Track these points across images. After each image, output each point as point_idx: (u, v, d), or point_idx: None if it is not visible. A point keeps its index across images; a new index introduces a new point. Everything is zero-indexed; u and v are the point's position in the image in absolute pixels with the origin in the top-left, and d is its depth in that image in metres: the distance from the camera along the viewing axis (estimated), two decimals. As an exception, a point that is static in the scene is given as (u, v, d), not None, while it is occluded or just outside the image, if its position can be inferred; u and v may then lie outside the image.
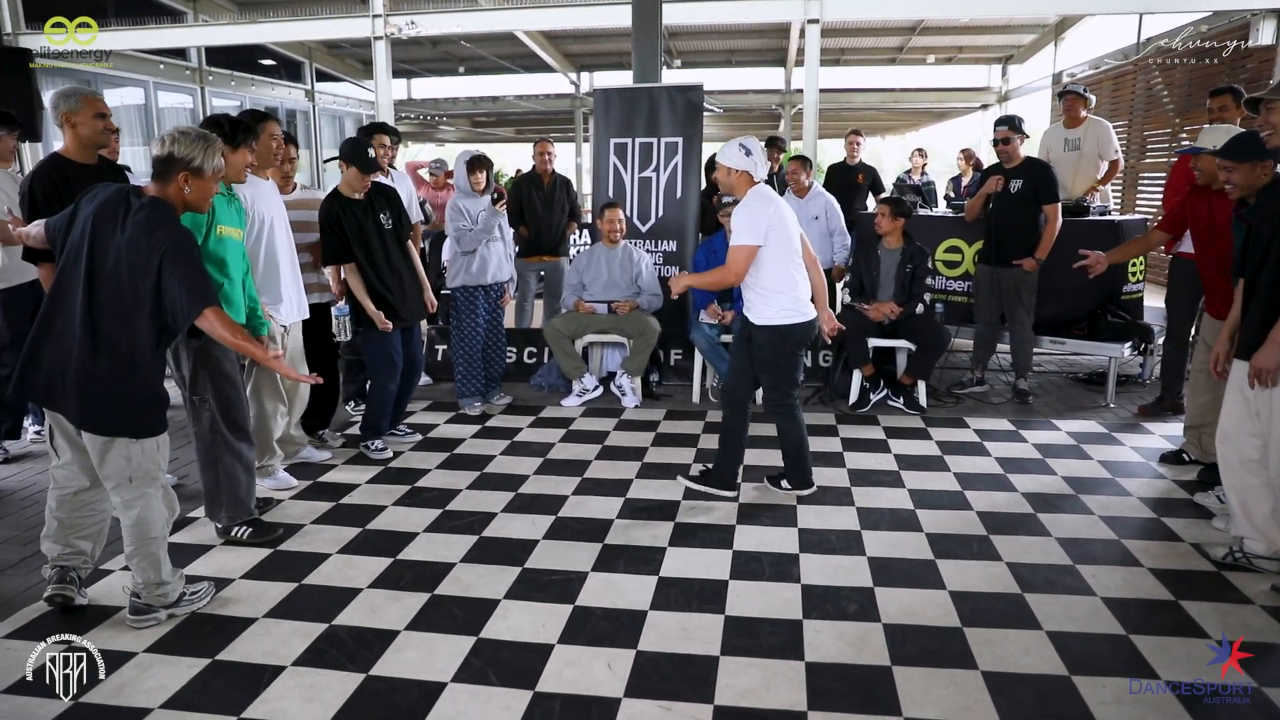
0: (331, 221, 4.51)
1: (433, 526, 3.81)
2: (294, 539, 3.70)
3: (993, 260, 5.68)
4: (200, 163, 2.86)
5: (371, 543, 3.66)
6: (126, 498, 2.87)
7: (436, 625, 2.98)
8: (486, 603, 3.13)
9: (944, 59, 18.15)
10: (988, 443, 4.87)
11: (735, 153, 3.84)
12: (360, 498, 4.17)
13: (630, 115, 6.53)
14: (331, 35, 12.40)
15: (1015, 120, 5.72)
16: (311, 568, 3.42)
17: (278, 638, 2.90)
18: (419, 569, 3.41)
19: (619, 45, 16.97)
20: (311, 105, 17.32)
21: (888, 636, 2.87)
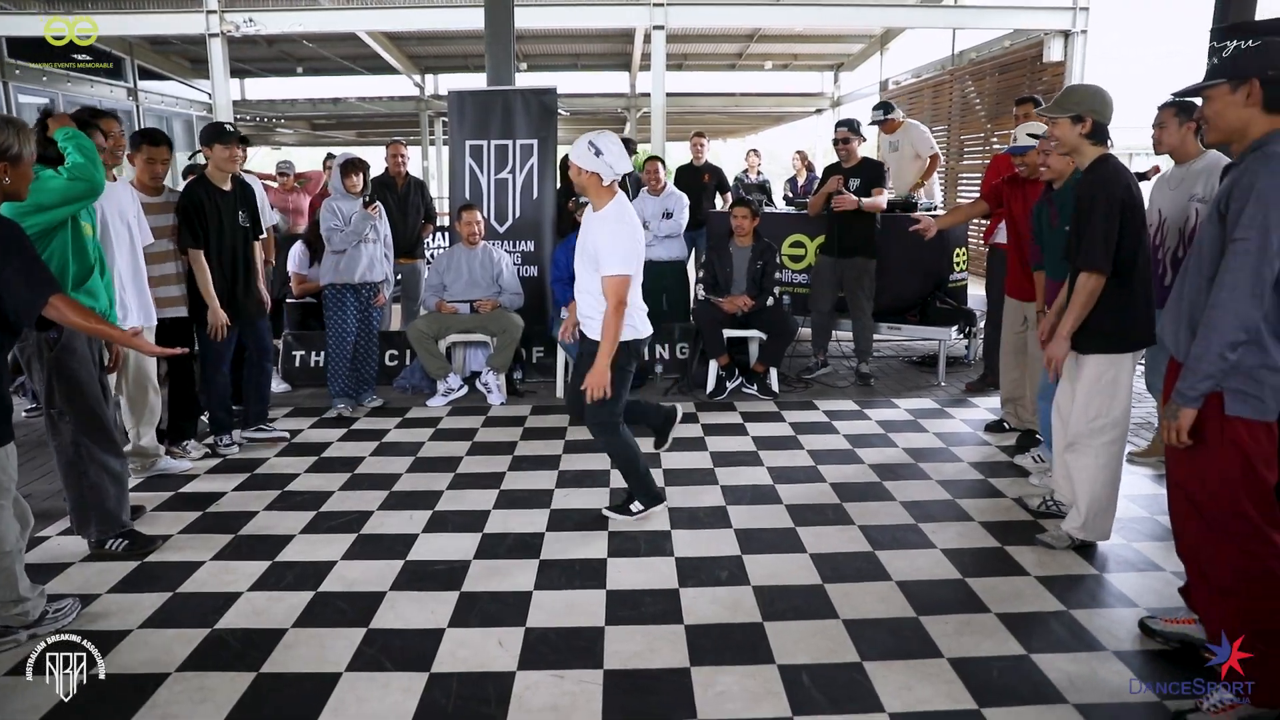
0: (193, 207, 4.49)
1: (309, 528, 3.80)
2: (161, 550, 3.59)
3: (835, 252, 6.10)
4: (17, 149, 2.69)
5: (247, 547, 3.61)
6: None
7: (324, 620, 3.01)
8: (373, 596, 3.17)
9: (780, 65, 19.02)
10: (836, 422, 5.26)
11: (584, 152, 3.48)
12: (229, 505, 4.08)
13: (485, 118, 6.60)
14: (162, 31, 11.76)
15: (854, 123, 6.18)
16: (184, 576, 3.34)
17: (158, 646, 2.85)
18: (299, 569, 3.40)
19: (464, 48, 16.87)
20: (135, 105, 16.29)
21: (758, 597, 3.12)
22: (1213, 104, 2.39)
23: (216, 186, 4.63)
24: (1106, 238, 3.10)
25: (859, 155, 6.10)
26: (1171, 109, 3.96)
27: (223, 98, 9.99)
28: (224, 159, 4.61)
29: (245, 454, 4.81)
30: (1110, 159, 3.23)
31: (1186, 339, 2.39)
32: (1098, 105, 3.22)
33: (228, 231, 4.65)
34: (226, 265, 4.66)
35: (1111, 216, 3.09)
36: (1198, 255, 2.38)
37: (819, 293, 6.26)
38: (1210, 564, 2.42)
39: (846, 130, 6.09)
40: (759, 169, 10.37)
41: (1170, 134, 3.96)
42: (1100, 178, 3.17)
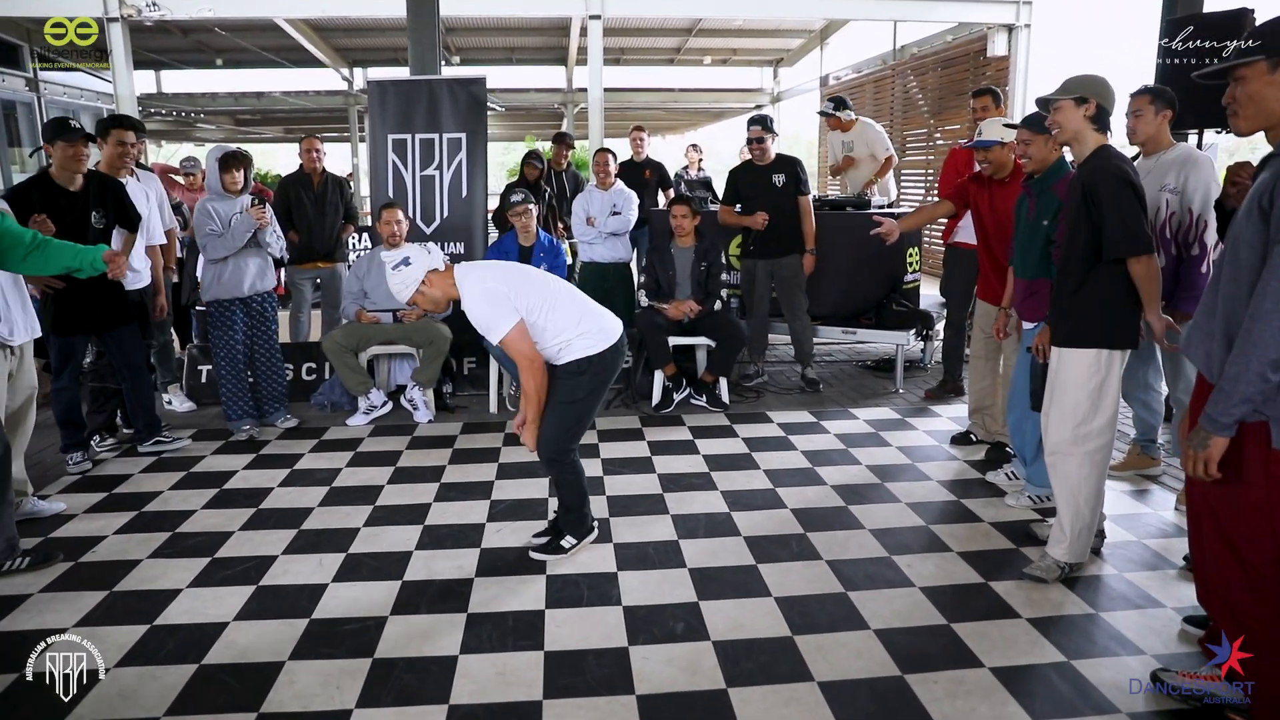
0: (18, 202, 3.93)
1: (199, 580, 3.27)
2: (14, 616, 3.03)
3: (764, 254, 5.74)
4: None
5: (121, 607, 3.07)
6: None
7: (205, 704, 2.50)
8: (268, 667, 2.68)
9: (719, 60, 18.70)
10: (792, 436, 4.89)
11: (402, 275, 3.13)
12: (107, 553, 3.52)
13: (409, 109, 6.09)
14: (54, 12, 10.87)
15: (767, 120, 5.86)
16: (33, 650, 2.77)
17: (-8, 746, 2.33)
18: (182, 635, 2.88)
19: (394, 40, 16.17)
20: (36, 96, 15.25)
21: (719, 655, 2.71)
22: (1247, 85, 2.05)
23: (61, 186, 4.10)
24: (1135, 217, 2.83)
25: (772, 153, 5.74)
26: (1147, 96, 3.71)
27: (125, 88, 9.22)
28: (67, 157, 4.07)
29: (135, 487, 4.25)
30: (1110, 147, 2.93)
31: (1220, 356, 2.04)
32: (1102, 90, 2.95)
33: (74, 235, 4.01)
34: None
35: (1129, 196, 2.82)
36: (1233, 258, 2.04)
37: (754, 297, 5.89)
38: (1252, 618, 2.09)
39: (760, 128, 5.73)
40: (700, 164, 9.99)
41: (1146, 123, 3.72)
42: (1104, 162, 2.89)
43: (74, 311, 4.23)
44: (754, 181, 5.74)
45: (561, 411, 3.25)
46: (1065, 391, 3.07)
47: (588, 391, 3.24)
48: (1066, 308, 3.04)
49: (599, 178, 6.36)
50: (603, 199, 6.28)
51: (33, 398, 3.81)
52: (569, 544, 3.40)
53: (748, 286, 5.95)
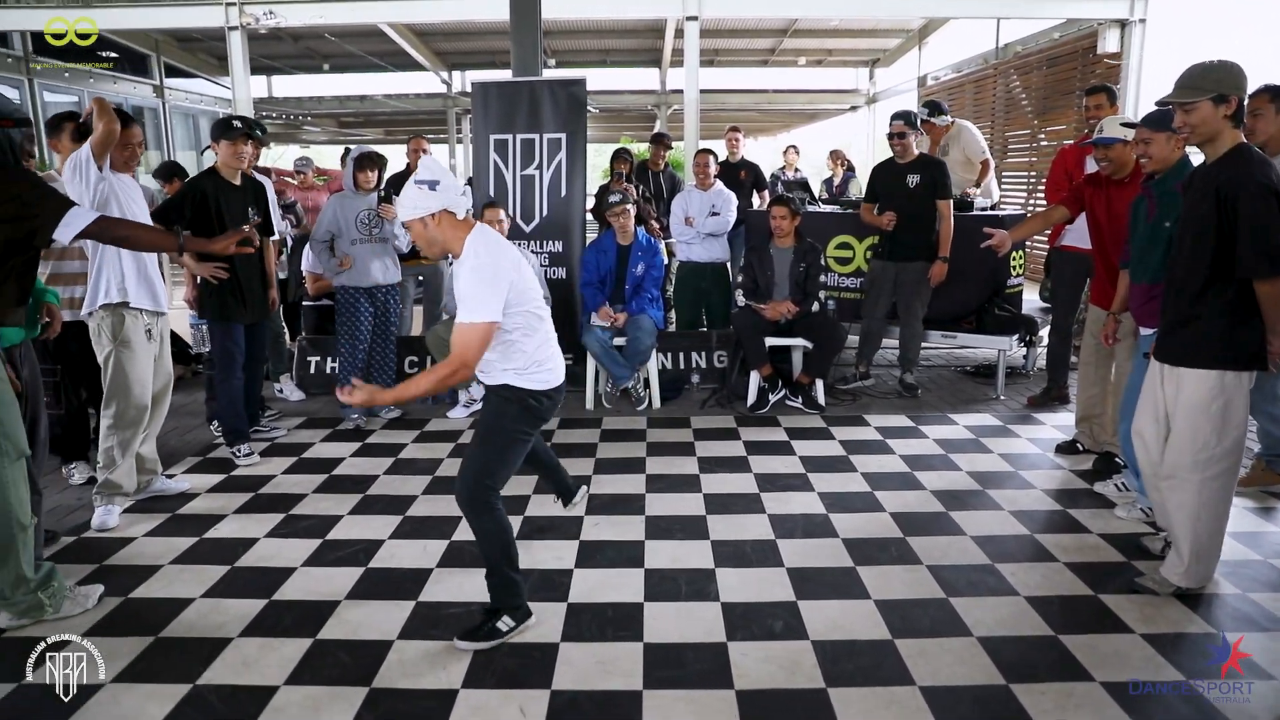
0: (193, 192, 4.32)
1: (312, 559, 3.42)
2: (149, 584, 3.24)
3: (892, 256, 5.66)
4: None
5: (241, 582, 3.24)
6: None
7: (321, 676, 2.63)
8: (378, 645, 2.79)
9: (814, 61, 18.52)
10: (890, 440, 4.82)
11: (416, 195, 2.64)
12: (228, 530, 3.72)
13: (511, 110, 6.22)
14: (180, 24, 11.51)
15: (911, 115, 5.71)
16: (171, 616, 2.98)
17: (129, 706, 2.49)
18: (299, 610, 3.02)
19: (491, 44, 16.54)
20: (161, 102, 16.12)
21: (819, 655, 2.70)
22: None
23: (225, 181, 4.41)
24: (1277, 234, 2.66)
25: (915, 151, 5.65)
26: (1266, 95, 3.55)
27: (243, 93, 9.69)
28: (229, 155, 4.38)
29: (251, 470, 4.46)
30: (1249, 147, 2.78)
31: None
32: (1239, 81, 2.77)
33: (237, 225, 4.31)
34: (237, 259, 4.38)
35: (1273, 211, 2.65)
36: None
37: (874, 299, 5.81)
38: None
39: (902, 124, 5.62)
40: (796, 166, 9.91)
41: (1267, 123, 3.55)
42: (1246, 168, 2.71)
43: (235, 302, 4.46)
44: (890, 180, 5.66)
45: (482, 443, 2.80)
46: (1184, 415, 2.92)
47: (513, 422, 2.79)
48: (1182, 321, 2.90)
49: (699, 178, 6.41)
50: (702, 199, 6.33)
51: (169, 385, 4.05)
52: (507, 625, 2.79)
53: (871, 287, 5.88)
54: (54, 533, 3.62)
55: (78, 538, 3.66)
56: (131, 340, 3.74)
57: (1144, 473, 3.21)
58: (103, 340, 3.73)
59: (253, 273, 4.56)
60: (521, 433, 2.82)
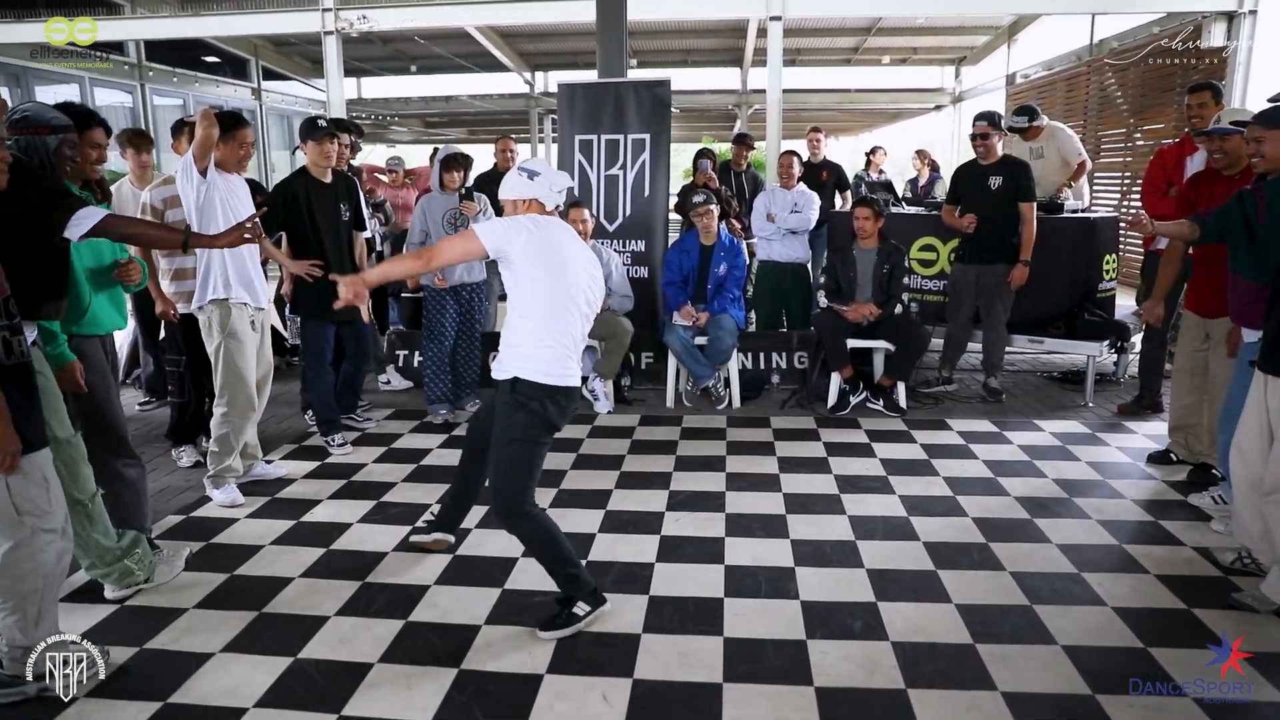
0: (285, 192, 4.53)
1: (403, 545, 3.56)
2: (252, 562, 3.42)
3: (975, 259, 5.58)
4: None
5: (337, 565, 3.40)
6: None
7: (413, 656, 2.74)
8: (466, 629, 2.90)
9: (898, 60, 18.25)
10: (973, 445, 4.75)
11: (517, 180, 2.88)
12: (323, 515, 3.90)
13: (596, 111, 6.32)
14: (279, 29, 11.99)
15: (994, 116, 5.62)
16: (271, 595, 3.15)
17: (238, 675, 2.64)
18: (390, 593, 3.16)
19: (574, 44, 16.75)
20: (258, 104, 16.79)
21: (898, 656, 2.71)
22: None
23: (315, 179, 4.59)
24: None
25: (999, 152, 5.56)
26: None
27: (336, 95, 10.04)
28: (316, 154, 4.56)
29: (344, 458, 4.65)
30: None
31: None
32: None
33: (328, 223, 4.62)
34: (330, 256, 4.59)
35: None
36: None
37: (957, 302, 5.74)
38: None
39: (986, 124, 5.54)
40: (881, 168, 9.79)
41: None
42: None
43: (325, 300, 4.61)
44: (972, 182, 5.60)
45: (499, 455, 2.85)
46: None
47: (524, 431, 2.79)
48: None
49: (783, 179, 6.45)
50: (785, 197, 6.37)
51: (269, 374, 4.25)
52: (583, 610, 2.86)
53: (953, 291, 5.82)
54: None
55: (187, 516, 3.88)
56: (239, 332, 3.94)
57: (1239, 488, 3.11)
58: (213, 333, 3.94)
59: (346, 269, 4.70)
60: (533, 440, 2.82)
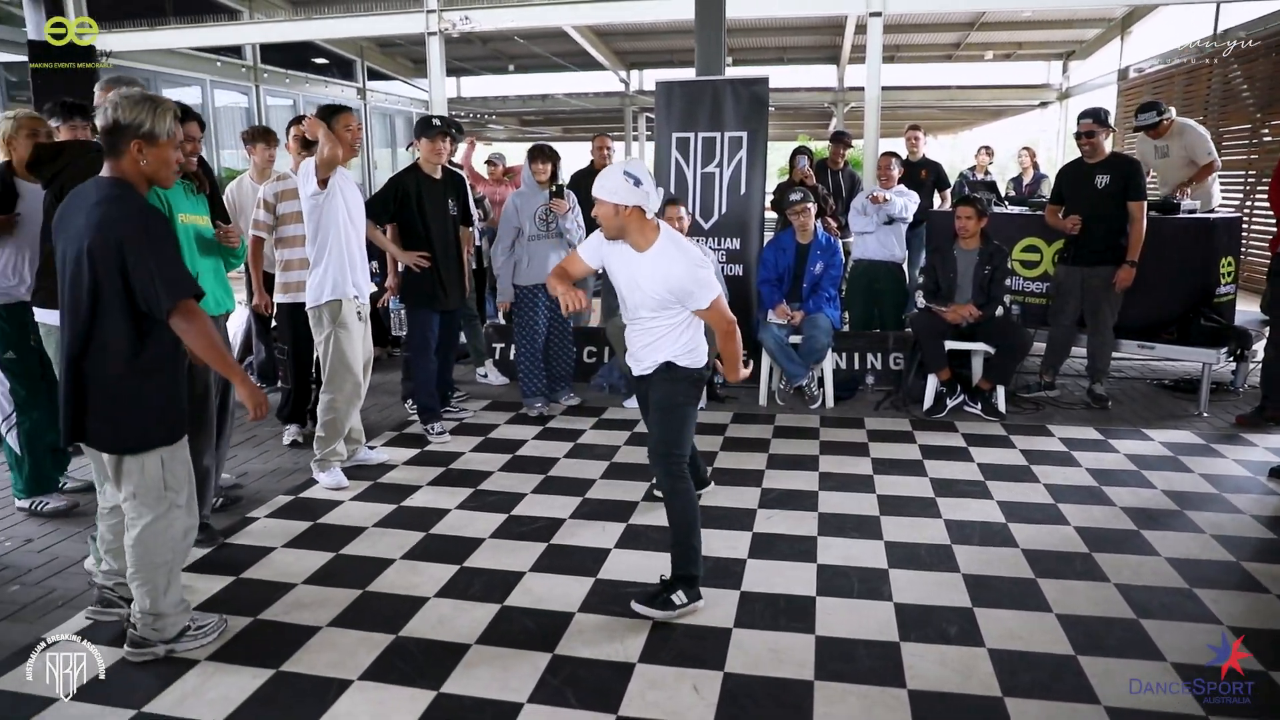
0: (397, 187, 4.73)
1: (499, 532, 3.66)
2: (356, 542, 3.57)
3: (1080, 260, 5.40)
4: (151, 127, 2.49)
5: (436, 548, 3.51)
6: (139, 514, 2.62)
7: (509, 639, 2.82)
8: (560, 615, 2.96)
9: (1002, 55, 17.72)
10: (1076, 452, 4.60)
11: (621, 184, 2.86)
12: (422, 500, 4.03)
13: (693, 109, 6.33)
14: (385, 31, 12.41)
15: (1101, 113, 5.43)
16: (376, 574, 3.28)
17: (343, 649, 2.76)
18: (487, 577, 3.25)
19: (669, 43, 16.81)
20: (363, 103, 17.38)
21: (995, 663, 2.65)
22: None
23: (426, 175, 4.76)
24: None
25: (1106, 149, 5.37)
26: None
27: (439, 94, 10.30)
28: (429, 150, 4.73)
29: (441, 447, 4.79)
30: None
31: None
32: None
33: (438, 217, 4.79)
34: (437, 249, 4.77)
35: None
36: None
37: (1061, 305, 5.56)
38: None
39: (1091, 121, 5.35)
40: (988, 168, 9.52)
41: None
42: None
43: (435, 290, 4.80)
44: (1078, 181, 5.43)
45: (660, 416, 3.07)
46: None
47: (684, 396, 3.07)
48: None
49: (882, 180, 6.37)
50: (884, 194, 6.28)
51: (370, 363, 4.42)
52: (680, 600, 2.93)
53: (1058, 293, 5.66)
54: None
55: (295, 497, 4.06)
56: (348, 322, 4.11)
57: None
58: (323, 323, 4.12)
59: (452, 262, 4.88)
60: (692, 403, 3.10)
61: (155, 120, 2.49)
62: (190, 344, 2.53)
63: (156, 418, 2.57)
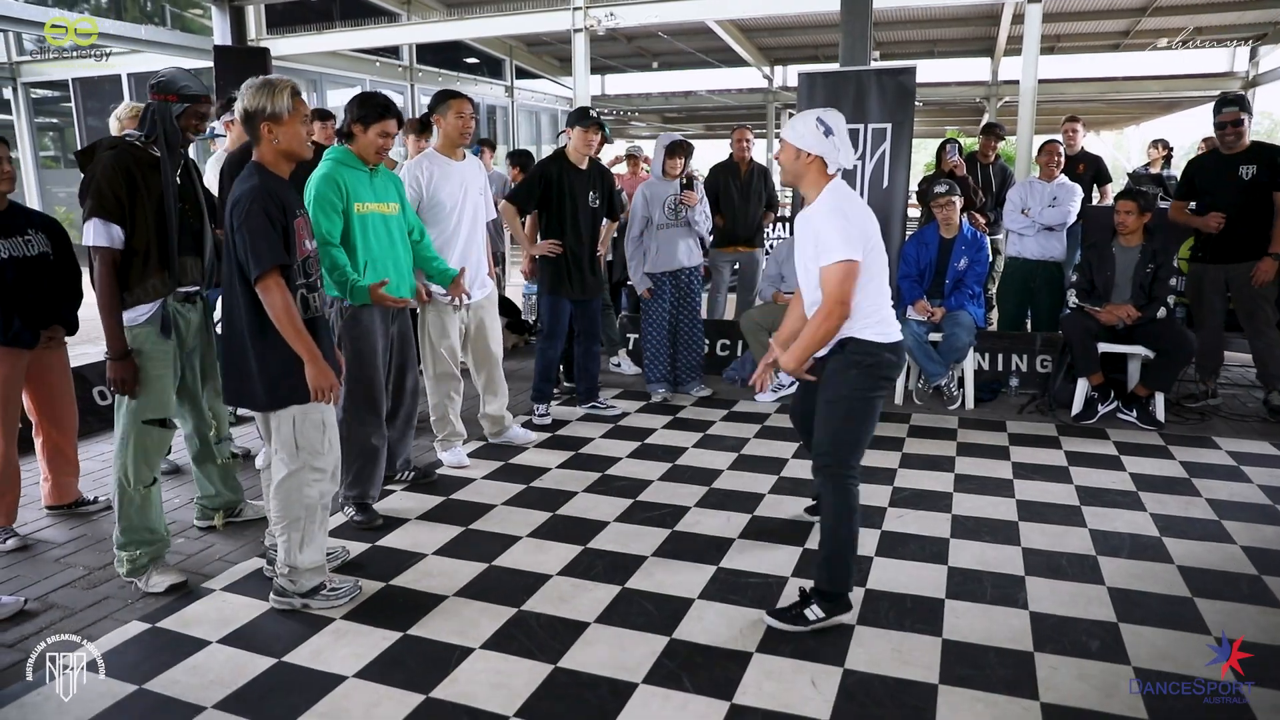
0: (543, 173, 4.81)
1: (623, 516, 3.69)
2: (486, 518, 3.68)
3: (1221, 257, 5.03)
4: (272, 107, 2.64)
5: (562, 528, 3.58)
6: (278, 468, 2.83)
7: (628, 621, 2.84)
8: (680, 601, 2.96)
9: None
10: (1246, 467, 4.23)
11: (811, 130, 2.71)
12: (551, 482, 4.12)
13: (836, 100, 6.16)
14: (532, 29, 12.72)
15: (1245, 99, 5.07)
16: (502, 549, 3.37)
17: (467, 618, 2.85)
18: (609, 559, 3.28)
19: (813, 38, 16.54)
20: (510, 101, 17.92)
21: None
22: None
23: (572, 164, 4.82)
24: None
25: (1247, 139, 4.97)
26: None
27: (583, 91, 10.49)
28: (580, 140, 4.80)
29: (573, 431, 4.88)
30: None
31: None
32: None
33: (579, 207, 4.85)
34: (571, 239, 4.84)
35: None
36: None
37: (1208, 307, 5.16)
38: None
39: (1238, 110, 4.97)
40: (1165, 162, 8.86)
41: None
42: None
43: (564, 277, 4.89)
44: (1216, 173, 5.04)
45: (827, 411, 2.80)
46: None
47: (852, 389, 2.76)
48: None
49: (1043, 170, 6.06)
50: (1043, 190, 5.96)
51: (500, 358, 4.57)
52: (815, 615, 2.75)
53: (1195, 295, 5.26)
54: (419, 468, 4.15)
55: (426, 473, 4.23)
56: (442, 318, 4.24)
57: None
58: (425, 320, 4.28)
59: (584, 252, 4.94)
60: (868, 397, 2.78)
61: (273, 100, 2.65)
62: (270, 314, 2.65)
63: (275, 379, 2.74)
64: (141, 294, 3.00)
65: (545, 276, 4.92)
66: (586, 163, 4.89)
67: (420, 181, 4.12)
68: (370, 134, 3.46)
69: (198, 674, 2.54)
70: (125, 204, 2.93)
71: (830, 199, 2.75)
